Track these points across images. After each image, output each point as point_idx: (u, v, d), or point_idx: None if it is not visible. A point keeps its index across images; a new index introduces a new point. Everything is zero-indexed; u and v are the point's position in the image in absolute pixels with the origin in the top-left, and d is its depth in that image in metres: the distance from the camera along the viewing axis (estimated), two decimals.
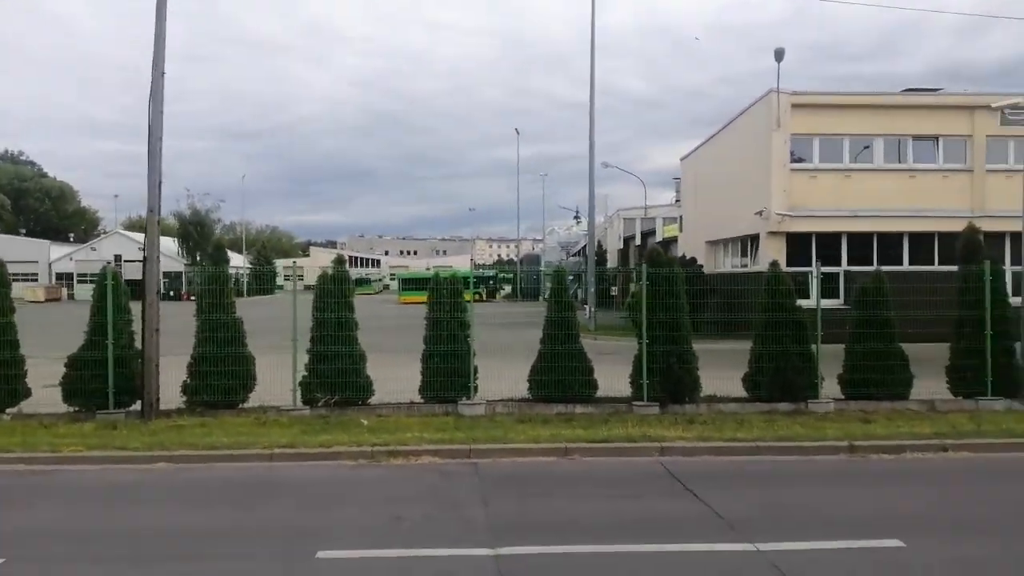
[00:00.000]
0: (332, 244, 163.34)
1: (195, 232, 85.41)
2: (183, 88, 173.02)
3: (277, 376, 12.57)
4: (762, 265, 25.69)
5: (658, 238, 43.20)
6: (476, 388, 12.54)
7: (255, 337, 12.78)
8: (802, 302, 24.97)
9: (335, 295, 12.71)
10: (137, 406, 12.26)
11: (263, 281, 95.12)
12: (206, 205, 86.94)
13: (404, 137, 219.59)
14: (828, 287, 25.80)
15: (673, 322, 12.52)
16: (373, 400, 12.60)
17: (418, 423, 11.34)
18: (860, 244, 25.65)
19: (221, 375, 12.24)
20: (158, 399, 11.98)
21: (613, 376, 12.64)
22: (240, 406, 12.40)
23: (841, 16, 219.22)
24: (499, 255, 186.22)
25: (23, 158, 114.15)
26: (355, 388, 12.47)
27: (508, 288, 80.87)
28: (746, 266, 28.02)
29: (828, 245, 25.59)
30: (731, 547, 6.10)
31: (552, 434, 10.05)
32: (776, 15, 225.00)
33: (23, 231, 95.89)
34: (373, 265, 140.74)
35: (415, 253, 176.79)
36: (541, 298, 71.01)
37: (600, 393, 12.66)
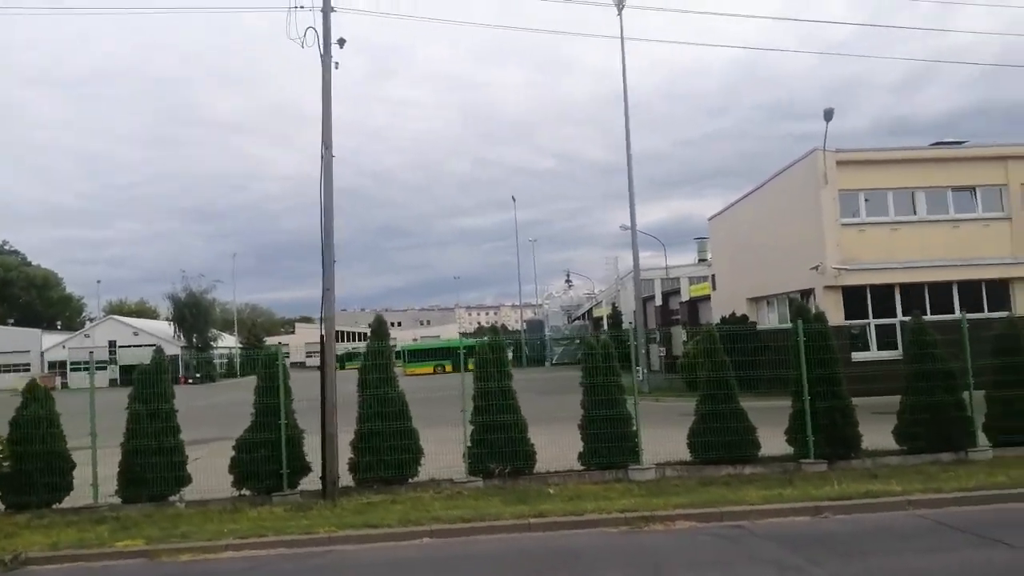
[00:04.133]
0: (308, 320, 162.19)
1: (190, 314, 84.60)
2: (152, 171, 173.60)
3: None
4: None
5: (683, 297, 43.84)
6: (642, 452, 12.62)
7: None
8: (861, 355, 25.67)
9: (495, 364, 12.83)
10: (305, 486, 12.16)
11: (256, 361, 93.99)
12: (201, 286, 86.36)
13: (371, 211, 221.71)
14: (886, 340, 26.51)
15: (831, 377, 12.78)
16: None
17: (604, 490, 11.36)
18: (912, 295, 26.30)
19: (392, 450, 12.18)
20: (338, 477, 11.86)
21: None
22: (410, 480, 12.30)
23: (785, 77, 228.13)
24: (479, 323, 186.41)
25: (7, 247, 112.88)
26: (524, 457, 12.48)
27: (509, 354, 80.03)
28: None
29: (881, 297, 26.28)
30: None
31: (773, 494, 10.15)
32: (723, 80, 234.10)
33: (10, 321, 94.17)
34: (360, 339, 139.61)
35: (399, 324, 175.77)
36: (548, 363, 71.35)
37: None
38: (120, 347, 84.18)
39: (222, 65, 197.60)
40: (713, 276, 37.10)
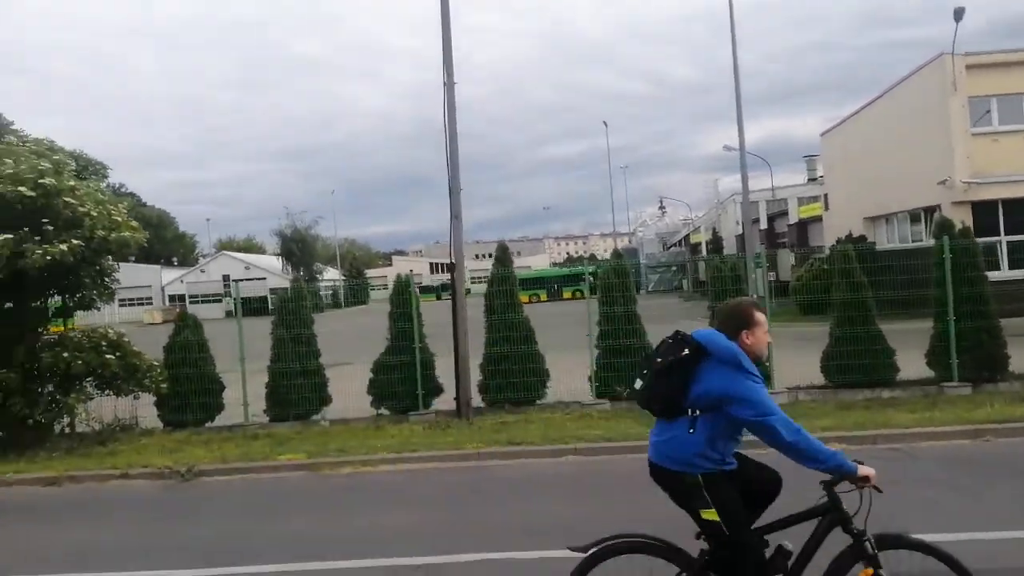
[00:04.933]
0: (402, 253, 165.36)
1: (297, 249, 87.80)
2: (241, 115, 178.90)
3: None
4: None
5: (791, 220, 42.31)
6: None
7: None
8: (991, 275, 24.25)
9: (620, 289, 12.77)
10: (437, 406, 12.60)
11: (358, 292, 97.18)
12: (304, 222, 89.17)
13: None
14: (1018, 258, 24.84)
15: (978, 296, 12.12)
16: None
17: None
18: None
19: (521, 372, 12.43)
20: (471, 397, 12.23)
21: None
22: (537, 402, 12.55)
23: None
24: (568, 252, 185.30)
25: (124, 190, 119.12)
26: None
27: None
28: (920, 240, 27.07)
29: (1013, 212, 24.54)
30: None
31: (924, 417, 9.81)
32: None
33: (131, 258, 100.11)
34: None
35: (489, 256, 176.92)
36: (644, 291, 70.65)
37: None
38: (234, 280, 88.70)
39: (303, 5, 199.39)
40: (826, 196, 35.46)
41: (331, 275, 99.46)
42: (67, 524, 8.09)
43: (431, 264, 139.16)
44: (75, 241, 10.26)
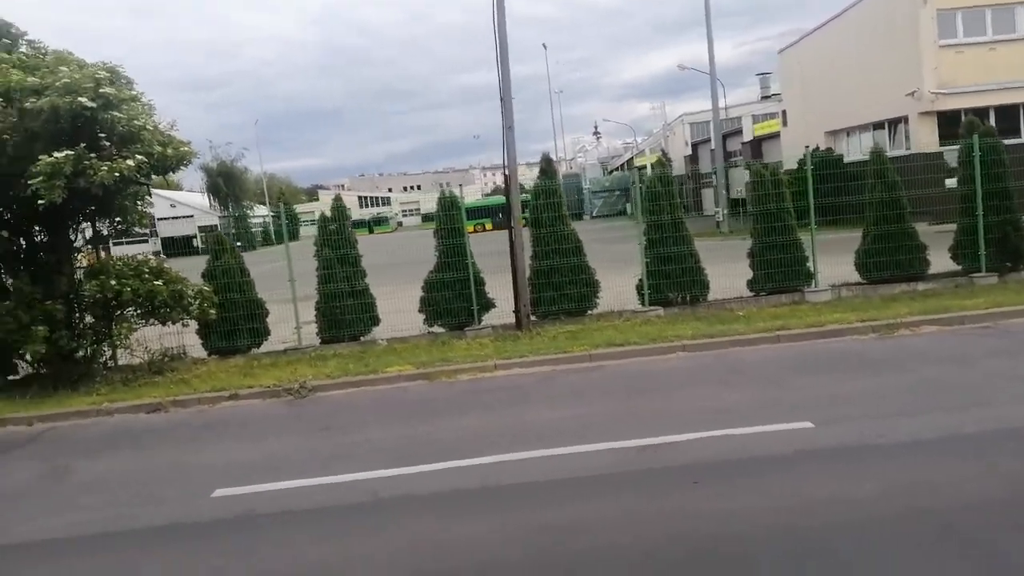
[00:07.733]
0: (323, 187, 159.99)
1: (223, 183, 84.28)
2: (132, 43, 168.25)
3: None
4: (911, 147, 25.97)
5: (746, 137, 43.08)
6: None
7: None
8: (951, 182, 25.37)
9: (666, 197, 12.90)
10: (489, 322, 12.59)
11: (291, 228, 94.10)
12: (230, 155, 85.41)
13: (367, 72, 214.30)
14: None
15: (1003, 192, 12.77)
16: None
17: (791, 311, 11.70)
18: (1007, 117, 25.72)
19: (572, 284, 12.53)
20: (529, 309, 12.26)
21: None
22: (589, 312, 12.70)
23: None
24: (495, 182, 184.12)
25: None
26: (700, 286, 12.80)
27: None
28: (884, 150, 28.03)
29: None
30: None
31: (990, 301, 10.49)
32: None
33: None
34: (383, 204, 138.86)
35: (419, 188, 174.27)
36: (587, 216, 70.86)
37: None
38: (159, 219, 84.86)
39: None
40: (784, 112, 36.20)
41: (260, 211, 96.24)
42: (225, 442, 7.79)
43: (359, 197, 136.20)
44: (139, 156, 9.59)
